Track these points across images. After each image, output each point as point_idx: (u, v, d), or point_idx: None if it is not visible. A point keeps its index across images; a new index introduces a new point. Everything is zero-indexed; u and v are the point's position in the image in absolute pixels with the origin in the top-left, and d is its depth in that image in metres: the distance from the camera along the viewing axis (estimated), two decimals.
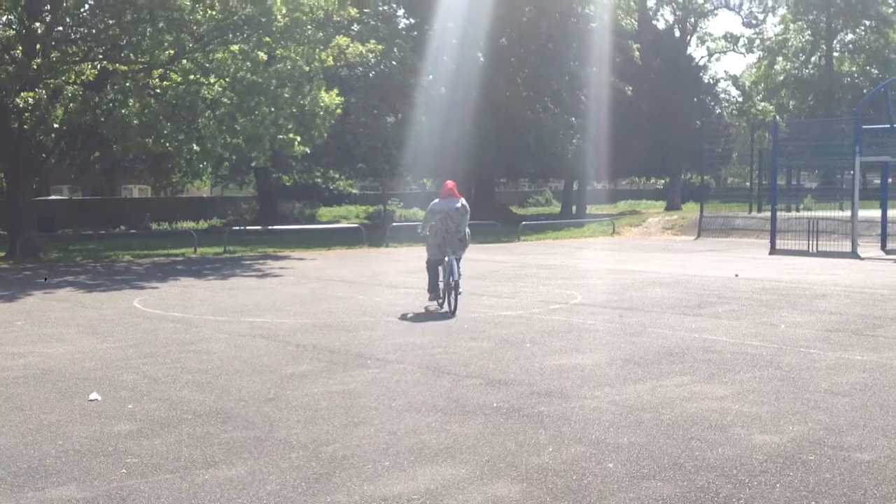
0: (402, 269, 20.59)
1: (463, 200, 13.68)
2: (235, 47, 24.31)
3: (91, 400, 7.61)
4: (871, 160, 26.15)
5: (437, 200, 13.73)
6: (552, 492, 5.26)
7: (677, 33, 55.99)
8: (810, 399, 7.44)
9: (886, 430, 6.50)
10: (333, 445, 6.20)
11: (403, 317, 12.57)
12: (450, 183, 14.02)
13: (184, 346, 10.27)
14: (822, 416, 6.89)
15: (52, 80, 23.46)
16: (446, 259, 13.08)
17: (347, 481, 5.45)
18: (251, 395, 7.72)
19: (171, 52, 24.02)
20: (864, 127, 24.87)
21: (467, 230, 13.63)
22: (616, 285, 16.61)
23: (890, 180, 38.62)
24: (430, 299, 13.44)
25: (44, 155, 27.50)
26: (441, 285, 13.17)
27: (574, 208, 51.28)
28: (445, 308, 12.95)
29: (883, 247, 24.76)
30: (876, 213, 26.04)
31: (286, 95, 24.19)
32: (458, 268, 13.06)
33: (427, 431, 6.54)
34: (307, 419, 6.90)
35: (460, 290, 13.11)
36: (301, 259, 24.21)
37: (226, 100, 24.27)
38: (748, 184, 41.15)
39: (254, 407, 7.32)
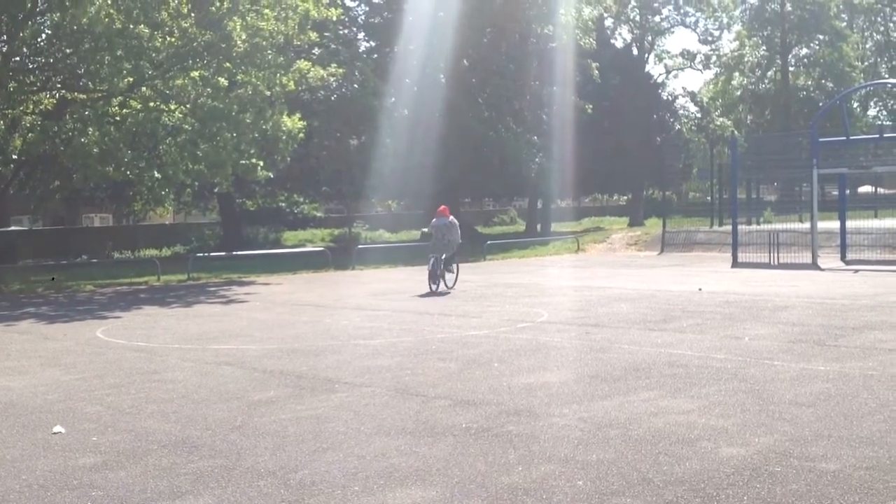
0: (368, 291, 20.55)
1: (452, 218, 20.41)
2: (195, 73, 24.26)
3: (55, 433, 7.50)
4: (829, 172, 26.55)
5: (435, 220, 20.38)
6: None
7: (635, 51, 56.70)
8: (775, 411, 7.51)
9: (851, 439, 6.57)
10: (302, 472, 6.16)
11: (371, 339, 12.54)
12: (442, 207, 20.88)
13: (148, 376, 10.16)
14: (787, 428, 6.96)
15: (9, 111, 23.26)
16: (440, 256, 19.61)
17: None
18: (218, 424, 7.65)
19: (131, 79, 23.89)
20: (820, 140, 25.28)
21: (456, 238, 20.05)
22: (582, 302, 16.69)
23: (848, 191, 39.23)
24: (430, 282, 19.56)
25: (2, 185, 27.18)
26: (436, 274, 19.53)
27: (539, 226, 51.52)
28: (442, 289, 19.43)
29: (842, 257, 25.10)
30: (835, 225, 26.40)
31: (248, 120, 24.17)
32: (451, 263, 19.99)
33: (396, 454, 6.52)
34: (275, 446, 6.85)
35: (452, 272, 20.05)
36: (267, 284, 24.08)
37: (187, 126, 24.19)
38: (709, 198, 41.59)
39: (220, 435, 7.25)
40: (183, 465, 6.43)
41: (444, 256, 19.72)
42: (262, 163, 25.55)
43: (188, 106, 24.24)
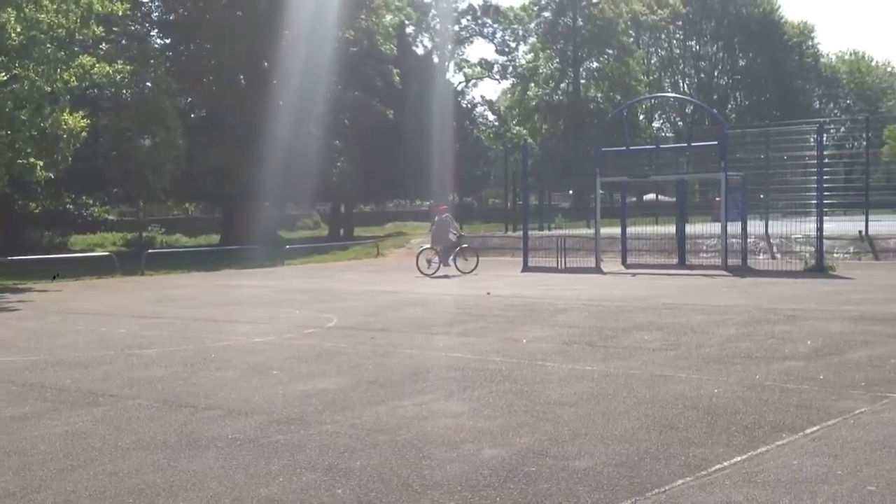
0: (153, 298, 19.75)
1: (447, 215, 25.73)
2: None
3: None
4: (610, 181, 27.89)
5: (436, 217, 25.96)
6: None
7: (436, 59, 57.68)
8: (540, 411, 7.73)
9: (605, 437, 6.85)
10: (45, 492, 5.76)
11: (147, 349, 12.00)
12: (442, 206, 28.23)
13: None
14: (548, 427, 7.17)
15: None
16: (436, 247, 25.01)
17: None
18: None
19: None
20: (603, 149, 26.55)
21: (453, 231, 25.25)
22: (373, 307, 16.71)
23: (634, 199, 41.30)
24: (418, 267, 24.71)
25: None
26: (437, 260, 24.53)
27: (342, 231, 51.43)
28: (452, 272, 24.17)
29: (623, 261, 26.42)
30: (618, 230, 27.74)
31: (23, 117, 22.66)
32: (452, 252, 24.93)
33: (152, 470, 6.22)
34: (20, 465, 6.39)
35: (466, 259, 24.95)
36: (44, 291, 22.68)
37: None
38: (508, 204, 42.81)
39: None
40: None
41: (440, 247, 24.82)
42: (41, 162, 24.02)
43: None
